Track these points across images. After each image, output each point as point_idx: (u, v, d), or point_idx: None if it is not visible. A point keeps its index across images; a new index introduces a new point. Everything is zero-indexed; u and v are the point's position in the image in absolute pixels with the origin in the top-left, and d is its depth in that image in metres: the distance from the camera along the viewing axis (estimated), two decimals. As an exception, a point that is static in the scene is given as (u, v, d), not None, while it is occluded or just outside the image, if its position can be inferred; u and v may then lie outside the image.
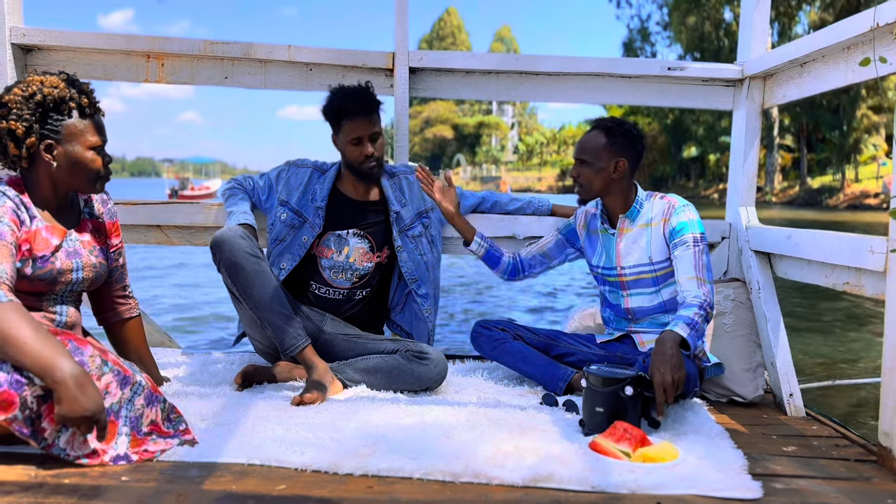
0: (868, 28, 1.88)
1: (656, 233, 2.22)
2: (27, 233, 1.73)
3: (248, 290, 2.14)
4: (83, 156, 1.78)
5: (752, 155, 2.72)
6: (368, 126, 2.31)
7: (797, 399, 2.25)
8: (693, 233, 2.15)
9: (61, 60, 2.64)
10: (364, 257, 2.41)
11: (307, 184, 2.44)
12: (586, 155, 2.24)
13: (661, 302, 2.26)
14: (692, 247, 2.13)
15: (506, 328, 2.42)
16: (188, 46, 2.66)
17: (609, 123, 2.25)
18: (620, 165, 2.22)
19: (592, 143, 2.24)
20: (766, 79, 2.67)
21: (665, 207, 2.22)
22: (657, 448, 1.68)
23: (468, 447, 1.70)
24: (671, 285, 2.23)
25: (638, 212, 2.27)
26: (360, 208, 2.44)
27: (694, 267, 2.11)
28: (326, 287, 2.40)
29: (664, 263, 2.22)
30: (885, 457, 1.73)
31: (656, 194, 2.29)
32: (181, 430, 1.72)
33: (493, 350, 2.40)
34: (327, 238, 2.40)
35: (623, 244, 2.28)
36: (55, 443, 1.51)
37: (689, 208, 2.21)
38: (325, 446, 1.68)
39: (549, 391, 2.26)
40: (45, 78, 1.76)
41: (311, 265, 2.41)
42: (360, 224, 2.43)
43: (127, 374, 1.64)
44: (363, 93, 2.31)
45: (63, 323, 1.85)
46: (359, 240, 2.41)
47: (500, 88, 2.82)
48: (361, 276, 2.41)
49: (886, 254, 1.78)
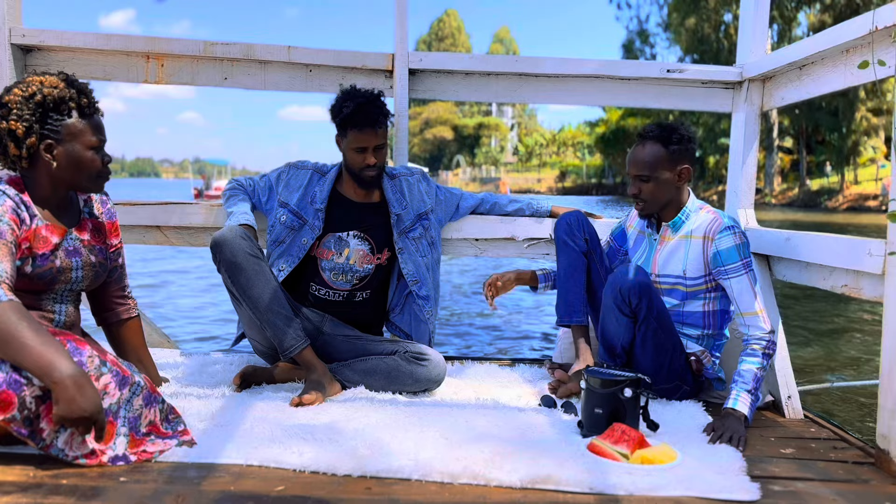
0: (867, 31, 1.88)
1: (695, 248, 2.18)
2: (27, 231, 1.73)
3: (248, 290, 2.14)
4: (83, 155, 1.78)
5: (751, 157, 2.72)
6: (374, 138, 2.30)
7: (795, 401, 2.25)
8: (744, 258, 2.11)
9: (61, 61, 2.64)
10: (364, 259, 2.41)
11: (307, 186, 2.44)
12: (647, 170, 2.17)
13: (680, 312, 2.25)
14: (745, 275, 2.10)
15: (589, 239, 2.40)
16: (188, 47, 2.66)
17: (661, 133, 2.17)
18: (685, 172, 2.18)
19: (651, 156, 2.17)
20: (765, 81, 2.67)
21: (709, 225, 2.16)
22: (655, 450, 1.69)
23: (467, 448, 1.70)
24: (698, 300, 2.22)
25: (683, 222, 2.22)
26: (360, 210, 2.43)
27: (755, 299, 2.09)
28: (326, 289, 2.40)
29: (697, 281, 2.20)
30: (883, 459, 1.73)
31: (705, 206, 2.24)
32: (180, 430, 1.72)
33: (564, 243, 2.42)
34: (327, 240, 2.39)
35: (661, 253, 2.26)
36: (53, 443, 1.51)
37: (736, 230, 2.13)
38: (324, 447, 1.68)
39: (558, 315, 2.41)
40: (44, 78, 1.76)
41: (311, 267, 2.40)
42: (361, 226, 2.42)
43: (125, 374, 1.64)
44: (373, 104, 2.29)
45: (62, 322, 1.85)
46: (359, 241, 2.40)
47: (499, 90, 2.82)
48: (362, 277, 2.41)
49: (884, 257, 1.78)
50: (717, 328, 2.27)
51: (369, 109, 2.27)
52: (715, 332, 2.27)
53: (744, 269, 2.11)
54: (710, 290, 2.22)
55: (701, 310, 2.24)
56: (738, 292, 2.11)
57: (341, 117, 2.30)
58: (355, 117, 2.27)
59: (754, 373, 2.02)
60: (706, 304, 2.23)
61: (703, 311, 2.24)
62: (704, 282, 2.20)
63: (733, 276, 2.11)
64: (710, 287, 2.21)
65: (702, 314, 2.24)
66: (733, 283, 2.11)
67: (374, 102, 2.29)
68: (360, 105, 2.26)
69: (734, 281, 2.11)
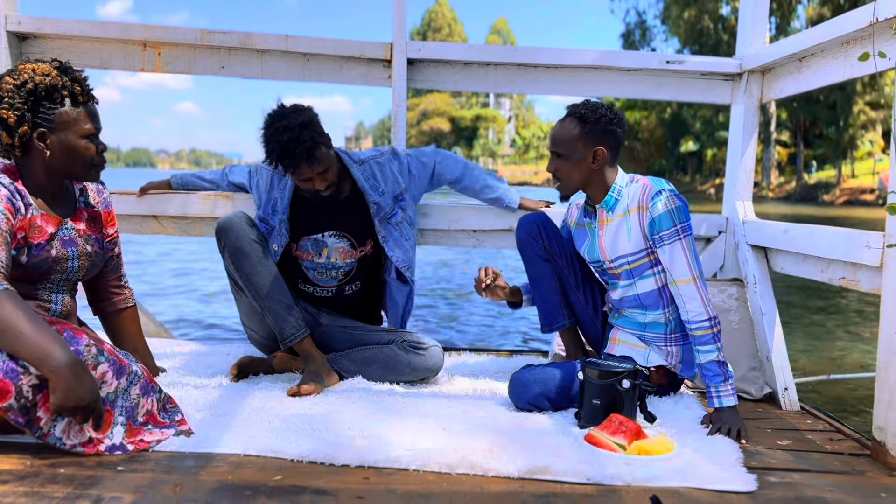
0: (867, 23, 1.88)
1: (633, 222, 2.05)
2: (22, 221, 1.72)
3: (252, 277, 2.14)
4: (77, 144, 1.77)
5: (749, 149, 2.72)
6: (312, 170, 2.16)
7: (792, 393, 2.26)
8: (678, 224, 1.98)
9: (57, 49, 2.62)
10: (346, 255, 2.35)
11: (269, 191, 2.35)
12: (561, 147, 2.06)
13: (636, 295, 2.12)
14: (680, 240, 1.99)
15: (547, 245, 2.27)
16: (185, 35, 2.64)
17: (582, 110, 2.05)
18: (599, 154, 2.04)
19: (566, 133, 2.05)
20: (764, 73, 2.67)
21: (640, 193, 2.04)
22: (653, 441, 1.69)
23: (464, 439, 1.70)
24: (647, 277, 2.09)
25: (616, 200, 2.09)
26: (331, 208, 2.33)
27: (689, 266, 1.98)
28: (313, 286, 2.38)
29: (639, 255, 2.07)
30: (879, 451, 1.74)
31: (636, 177, 2.11)
32: (177, 420, 1.72)
33: (524, 252, 2.31)
34: (304, 242, 2.33)
35: (605, 238, 2.13)
36: (51, 432, 1.51)
37: (667, 194, 2.00)
38: (322, 437, 1.68)
39: (540, 323, 2.34)
40: (36, 66, 1.74)
41: (294, 266, 2.36)
42: (335, 224, 2.33)
43: (123, 363, 1.64)
44: (298, 140, 2.10)
45: (58, 312, 1.84)
46: (337, 239, 2.33)
47: (497, 80, 2.81)
48: (346, 272, 2.37)
49: (883, 249, 1.79)
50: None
51: (294, 149, 2.10)
52: (676, 306, 2.10)
53: (678, 235, 1.98)
54: (654, 263, 2.08)
55: (655, 287, 2.10)
56: (671, 259, 1.99)
57: (272, 160, 2.15)
58: (284, 161, 2.13)
59: (716, 360, 1.95)
60: (657, 280, 2.09)
61: (657, 287, 2.10)
62: (646, 254, 2.06)
63: (668, 241, 1.98)
64: (654, 259, 2.07)
65: (657, 291, 2.10)
66: (667, 249, 1.99)
67: (298, 139, 2.10)
68: (284, 147, 2.10)
69: (668, 246, 1.99)
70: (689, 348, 2.13)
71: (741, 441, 1.84)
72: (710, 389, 1.96)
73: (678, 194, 2.03)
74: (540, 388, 2.01)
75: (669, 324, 2.12)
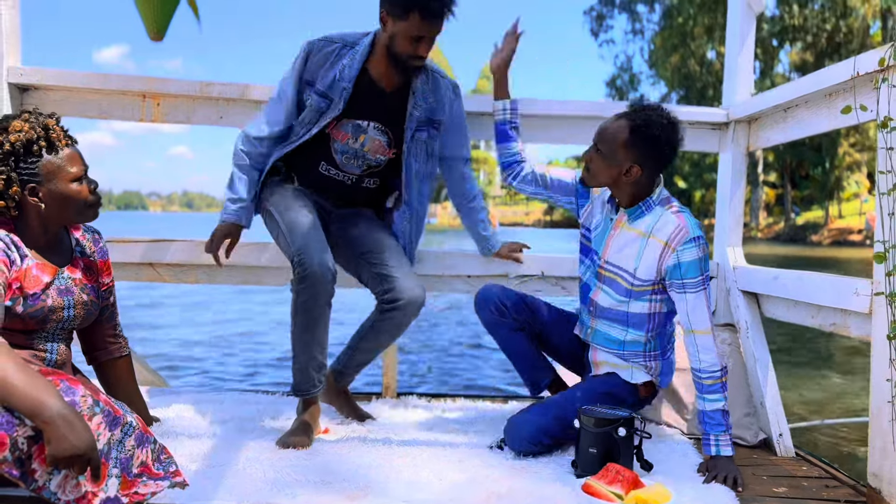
0: (849, 76, 1.94)
1: (652, 250, 2.01)
2: (17, 272, 1.73)
3: (308, 326, 2.12)
4: (68, 190, 1.78)
5: (738, 196, 2.76)
6: (436, 27, 2.10)
7: (787, 439, 2.26)
8: (704, 273, 1.98)
9: (57, 100, 2.66)
10: (379, 149, 2.30)
11: (334, 60, 2.23)
12: (602, 144, 2.02)
13: (626, 313, 2.09)
14: (704, 291, 1.98)
15: (510, 314, 2.25)
16: (184, 87, 2.68)
17: (638, 120, 1.99)
18: (633, 172, 2.00)
19: (612, 133, 2.00)
20: (751, 122, 2.73)
21: (673, 231, 1.99)
22: (650, 490, 1.69)
23: (460, 489, 1.69)
24: (643, 301, 2.07)
25: (642, 214, 2.05)
26: (386, 100, 2.26)
27: (708, 317, 1.99)
28: (336, 170, 2.33)
29: (645, 283, 2.04)
30: (875, 498, 1.74)
31: (673, 205, 2.07)
32: (171, 471, 1.71)
33: (494, 332, 2.30)
34: (345, 123, 2.27)
35: (615, 239, 2.10)
36: (46, 486, 1.49)
37: (701, 242, 1.98)
38: (317, 489, 1.68)
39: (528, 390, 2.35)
40: (7, 124, 1.74)
41: (323, 147, 2.30)
42: (383, 118, 2.27)
43: (117, 414, 1.63)
44: None
45: (53, 361, 1.84)
46: (378, 133, 2.28)
47: (490, 128, 2.85)
48: (372, 166, 2.34)
49: (871, 296, 1.81)
50: (662, 326, 2.13)
51: None
52: (659, 330, 2.13)
53: (702, 285, 1.98)
54: (656, 293, 2.06)
55: (646, 311, 2.09)
56: (693, 308, 1.98)
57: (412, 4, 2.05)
58: (430, 3, 2.04)
59: (721, 409, 1.97)
60: (652, 306, 2.08)
61: (649, 312, 2.09)
62: (652, 284, 2.04)
63: (691, 290, 1.98)
64: (657, 289, 2.06)
65: (647, 316, 2.09)
66: (689, 298, 1.98)
67: None
68: None
69: (691, 296, 1.98)
70: (668, 362, 2.18)
71: (738, 489, 1.84)
72: (709, 437, 1.97)
73: (706, 242, 2.01)
74: (536, 425, 2.02)
75: (649, 343, 2.13)
